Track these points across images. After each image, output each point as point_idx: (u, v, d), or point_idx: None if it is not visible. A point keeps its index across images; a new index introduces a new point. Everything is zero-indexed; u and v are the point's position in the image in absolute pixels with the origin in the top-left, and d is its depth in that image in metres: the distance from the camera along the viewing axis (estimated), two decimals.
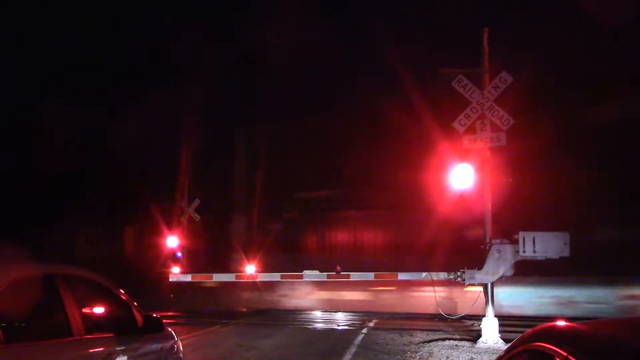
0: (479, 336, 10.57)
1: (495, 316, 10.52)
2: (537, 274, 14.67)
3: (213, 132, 24.50)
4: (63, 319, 3.49)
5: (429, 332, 12.04)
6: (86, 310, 3.90)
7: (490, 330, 10.39)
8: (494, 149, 10.66)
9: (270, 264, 15.16)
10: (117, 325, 4.19)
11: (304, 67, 23.78)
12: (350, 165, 23.74)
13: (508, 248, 10.40)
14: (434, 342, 10.68)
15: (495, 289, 10.80)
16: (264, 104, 25.41)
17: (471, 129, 10.74)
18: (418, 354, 9.55)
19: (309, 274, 12.07)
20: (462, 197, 11.10)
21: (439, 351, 9.79)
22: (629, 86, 18.66)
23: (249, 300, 18.82)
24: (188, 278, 12.82)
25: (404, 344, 10.59)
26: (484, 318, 10.56)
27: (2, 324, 3.01)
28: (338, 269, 12.18)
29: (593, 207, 17.29)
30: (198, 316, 16.03)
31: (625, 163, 17.97)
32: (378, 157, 22.23)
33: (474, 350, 9.91)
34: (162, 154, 24.27)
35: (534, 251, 10.08)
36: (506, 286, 13.75)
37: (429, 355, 9.48)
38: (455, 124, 10.75)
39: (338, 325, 14.41)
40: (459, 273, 10.78)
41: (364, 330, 12.97)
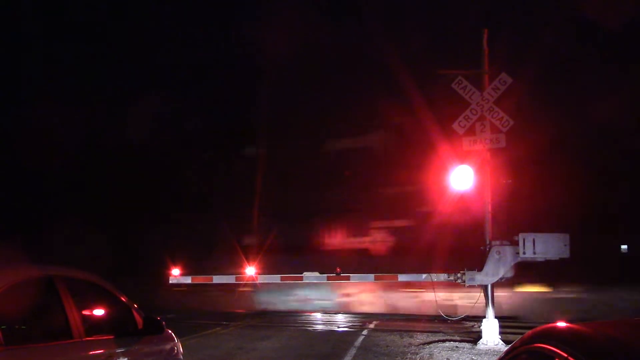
0: (479, 337, 10.56)
1: (495, 317, 10.52)
2: None
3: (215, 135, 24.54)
4: (63, 321, 3.49)
5: (429, 334, 12.03)
6: (86, 312, 3.90)
7: (490, 331, 10.38)
8: (494, 151, 10.66)
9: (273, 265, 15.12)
10: (117, 327, 4.20)
11: (304, 68, 23.83)
12: (349, 166, 23.75)
13: (508, 249, 10.39)
14: (434, 344, 10.67)
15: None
16: (265, 103, 25.43)
17: (471, 131, 10.75)
18: (418, 356, 9.55)
19: (309, 276, 12.05)
20: (462, 199, 11.09)
21: (439, 353, 9.78)
22: (629, 86, 18.69)
23: (250, 301, 18.80)
24: (188, 280, 12.79)
25: (404, 346, 10.59)
26: (484, 319, 10.55)
27: (2, 326, 3.01)
28: (338, 271, 12.18)
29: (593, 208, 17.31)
30: (198, 318, 16.00)
31: (625, 163, 17.99)
32: (378, 158, 22.25)
33: (474, 351, 9.90)
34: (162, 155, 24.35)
35: (534, 252, 10.06)
36: None
37: (429, 356, 9.47)
38: (454, 126, 10.75)
39: (338, 326, 14.40)
40: (459, 274, 10.76)
41: (364, 331, 12.96)
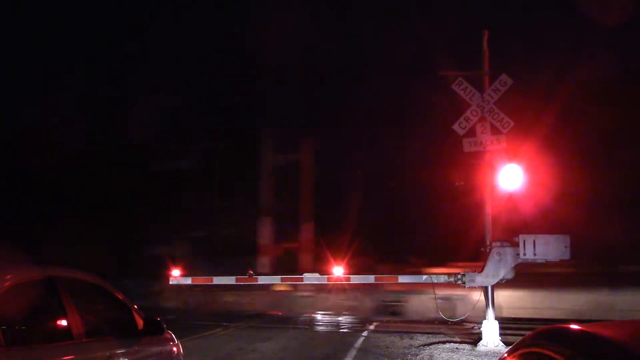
0: (480, 339, 10.54)
1: (495, 319, 10.51)
2: None
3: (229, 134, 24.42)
4: (63, 322, 3.49)
5: (430, 335, 12.00)
6: (86, 313, 3.90)
7: (490, 333, 10.37)
8: (494, 152, 10.66)
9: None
10: (118, 328, 4.20)
11: (304, 68, 23.84)
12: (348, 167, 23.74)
13: (508, 251, 10.37)
14: (435, 345, 10.66)
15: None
16: (270, 105, 25.43)
17: (471, 132, 10.75)
18: (418, 357, 9.54)
19: (309, 277, 12.04)
20: (465, 200, 11.10)
21: (440, 354, 9.77)
22: (630, 86, 18.67)
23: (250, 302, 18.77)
24: (188, 281, 12.77)
25: (405, 347, 10.58)
26: (485, 321, 10.53)
27: (3, 327, 3.01)
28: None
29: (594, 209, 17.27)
30: (198, 319, 15.98)
31: (625, 164, 17.97)
32: (378, 159, 22.27)
33: (475, 353, 9.90)
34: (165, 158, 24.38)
35: (535, 254, 10.04)
36: None
37: (430, 358, 9.47)
38: (455, 127, 10.75)
39: (339, 328, 14.39)
40: (460, 276, 10.75)
41: (365, 333, 12.94)
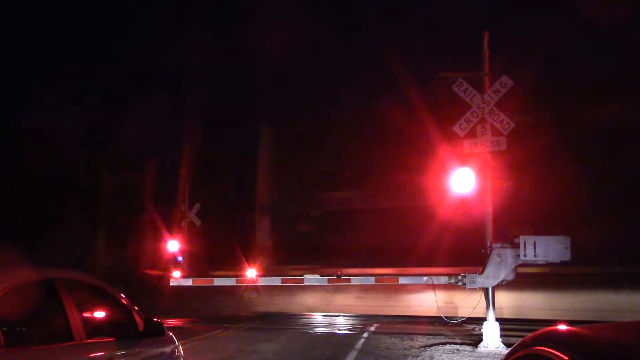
0: (480, 340, 10.55)
1: (496, 320, 10.51)
2: None
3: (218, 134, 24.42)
4: (64, 323, 3.49)
5: (430, 337, 12.01)
6: (87, 314, 3.90)
7: (491, 334, 10.37)
8: (495, 153, 10.66)
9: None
10: (118, 329, 4.19)
11: (304, 69, 23.86)
12: (349, 167, 23.72)
13: (509, 252, 10.38)
14: (435, 347, 10.66)
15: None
16: (268, 104, 25.44)
17: (472, 133, 10.75)
18: (419, 358, 9.53)
19: (310, 278, 12.06)
20: (463, 201, 11.09)
21: (440, 356, 9.76)
22: (630, 87, 18.66)
23: (252, 303, 18.77)
24: (189, 282, 12.80)
25: (405, 348, 10.57)
26: (485, 322, 10.54)
27: (3, 329, 3.01)
28: (339, 273, 12.19)
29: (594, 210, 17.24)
30: (199, 320, 16.00)
31: (626, 165, 17.95)
32: (378, 160, 22.25)
33: (475, 354, 9.89)
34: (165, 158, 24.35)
35: (535, 255, 10.05)
36: None
37: (430, 359, 9.46)
38: (455, 128, 10.76)
39: (339, 329, 14.39)
40: (460, 277, 10.76)
41: (365, 334, 12.94)
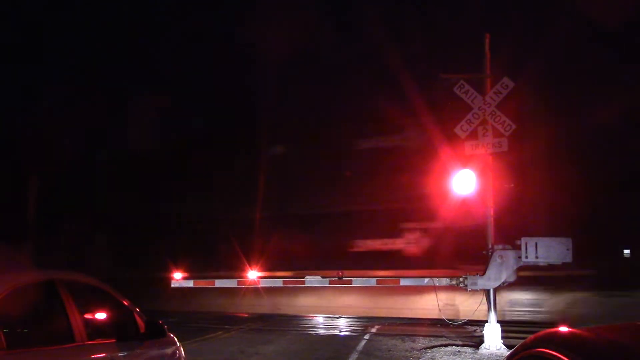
0: (482, 342, 10.53)
1: (497, 322, 10.49)
2: None
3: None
4: (65, 325, 3.49)
5: (432, 338, 11.99)
6: (88, 315, 3.90)
7: (492, 336, 10.35)
8: (496, 155, 10.66)
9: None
10: (119, 331, 4.19)
11: (304, 70, 23.87)
12: (351, 168, 23.70)
13: (510, 254, 10.36)
14: (437, 348, 10.64)
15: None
16: (265, 104, 25.44)
17: (473, 135, 10.74)
18: None
19: (311, 280, 12.04)
20: (464, 203, 11.09)
21: (442, 357, 9.75)
22: (631, 88, 18.66)
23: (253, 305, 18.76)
24: (190, 284, 12.77)
25: (406, 350, 10.56)
26: (486, 324, 10.52)
27: (5, 330, 3.01)
28: (340, 274, 12.16)
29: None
30: (200, 322, 15.99)
31: (627, 166, 17.94)
32: (379, 161, 22.23)
33: (477, 356, 9.88)
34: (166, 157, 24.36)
35: (537, 257, 10.03)
36: None
37: None
38: (456, 130, 10.75)
39: (340, 331, 14.37)
40: (461, 279, 10.73)
41: (366, 336, 12.92)
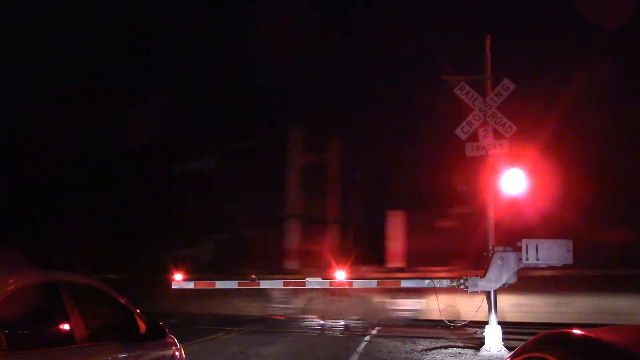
0: (482, 344, 10.52)
1: (498, 323, 10.48)
2: None
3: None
4: (66, 326, 3.49)
5: (432, 340, 11.98)
6: (89, 317, 3.90)
7: (493, 337, 10.34)
8: (497, 156, 10.65)
9: None
10: (120, 332, 4.19)
11: (306, 71, 23.88)
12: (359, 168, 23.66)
13: (511, 255, 10.35)
14: (437, 350, 10.63)
15: None
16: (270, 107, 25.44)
17: (474, 136, 10.75)
18: None
19: (312, 281, 12.02)
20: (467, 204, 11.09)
21: (442, 359, 9.76)
22: (632, 89, 18.61)
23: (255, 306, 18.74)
24: (191, 285, 12.75)
25: (407, 352, 10.55)
26: (487, 325, 10.51)
27: (6, 331, 3.01)
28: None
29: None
30: (201, 323, 15.98)
31: (628, 167, 17.89)
32: (379, 162, 22.24)
33: (477, 358, 9.88)
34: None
35: (537, 259, 10.02)
36: None
37: None
38: (457, 132, 10.76)
39: (341, 332, 14.36)
40: (462, 280, 10.72)
41: (367, 337, 12.91)
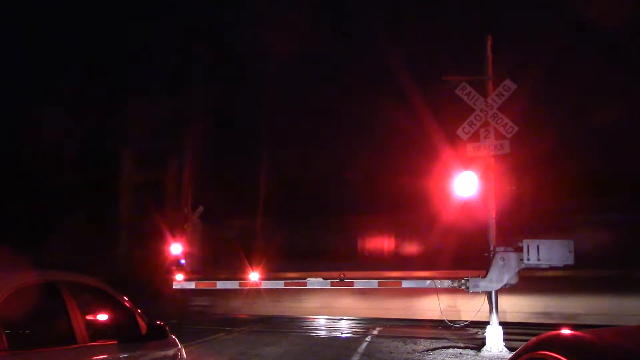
0: (483, 344, 10.52)
1: (499, 324, 10.48)
2: None
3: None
4: (67, 326, 3.50)
5: (433, 340, 11.97)
6: (90, 317, 3.91)
7: (494, 338, 10.34)
8: (498, 157, 10.66)
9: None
10: (121, 332, 4.20)
11: (304, 72, 23.87)
12: (352, 169, 23.65)
13: (512, 256, 10.36)
14: (438, 350, 10.63)
15: None
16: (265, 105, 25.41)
17: (475, 137, 10.75)
18: None
19: (312, 282, 12.03)
20: (466, 205, 11.08)
21: (443, 359, 9.76)
22: (633, 90, 18.59)
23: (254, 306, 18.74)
24: (192, 285, 12.76)
25: (408, 352, 10.55)
26: (488, 326, 10.51)
27: (7, 331, 3.02)
28: (342, 276, 12.15)
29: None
30: (202, 323, 15.98)
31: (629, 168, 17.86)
32: (381, 163, 22.22)
33: (478, 358, 9.88)
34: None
35: (538, 259, 10.03)
36: None
37: None
38: (458, 132, 10.76)
39: (341, 332, 14.35)
40: (463, 281, 10.72)
41: (368, 338, 12.91)
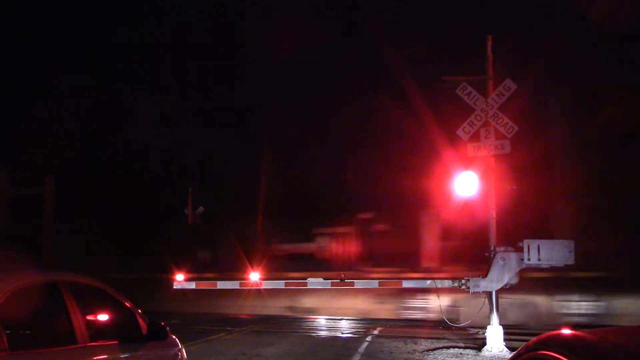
0: (484, 344, 10.51)
1: (499, 324, 10.47)
2: None
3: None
4: (67, 326, 3.50)
5: (434, 340, 11.97)
6: (90, 317, 3.91)
7: (494, 338, 10.33)
8: (499, 157, 10.65)
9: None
10: (121, 332, 4.20)
11: (305, 73, 23.89)
12: (352, 169, 23.70)
13: (513, 256, 10.35)
14: (439, 350, 10.63)
15: None
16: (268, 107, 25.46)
17: (475, 137, 10.74)
18: None
19: (313, 282, 12.02)
20: (467, 205, 11.08)
21: (444, 359, 9.75)
22: (633, 90, 18.59)
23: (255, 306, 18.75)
24: (192, 285, 12.74)
25: (409, 352, 10.55)
26: (489, 326, 10.50)
27: (7, 331, 3.02)
28: (342, 276, 12.14)
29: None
30: (202, 323, 15.98)
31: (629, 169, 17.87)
32: (381, 163, 22.26)
33: (479, 358, 9.87)
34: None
35: (539, 259, 10.02)
36: None
37: None
38: (459, 132, 10.76)
39: (342, 332, 14.35)
40: (464, 281, 10.71)
41: (368, 338, 12.91)
